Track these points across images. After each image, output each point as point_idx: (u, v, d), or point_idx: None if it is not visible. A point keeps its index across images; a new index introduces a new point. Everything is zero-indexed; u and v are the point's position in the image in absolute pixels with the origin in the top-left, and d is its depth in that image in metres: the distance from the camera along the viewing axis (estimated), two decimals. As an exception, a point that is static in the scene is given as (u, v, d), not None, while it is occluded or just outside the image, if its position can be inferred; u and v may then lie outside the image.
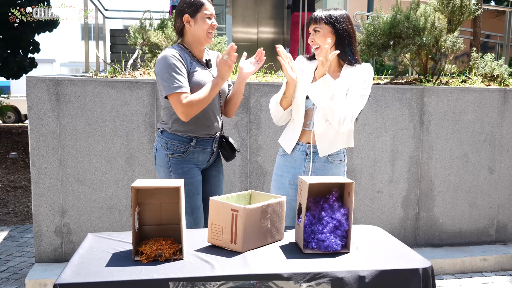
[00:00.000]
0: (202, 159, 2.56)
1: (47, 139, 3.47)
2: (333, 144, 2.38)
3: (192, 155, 2.51)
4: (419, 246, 4.09)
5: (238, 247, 1.83)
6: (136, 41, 4.46)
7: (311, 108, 2.39)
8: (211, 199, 1.90)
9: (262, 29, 9.61)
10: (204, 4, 2.44)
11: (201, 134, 2.50)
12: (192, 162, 2.52)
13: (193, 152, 2.50)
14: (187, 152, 2.49)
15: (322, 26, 2.34)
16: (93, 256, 1.77)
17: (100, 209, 3.58)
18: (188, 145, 2.49)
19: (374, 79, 4.89)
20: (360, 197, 3.95)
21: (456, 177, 4.08)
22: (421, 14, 4.42)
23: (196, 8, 2.43)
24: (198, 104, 2.36)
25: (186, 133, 2.48)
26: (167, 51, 2.42)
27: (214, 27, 2.47)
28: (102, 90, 3.51)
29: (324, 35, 2.34)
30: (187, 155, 2.49)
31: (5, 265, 3.88)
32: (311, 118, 2.39)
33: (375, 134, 3.93)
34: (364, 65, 2.38)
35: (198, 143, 2.50)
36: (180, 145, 2.49)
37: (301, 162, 2.42)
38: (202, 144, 2.52)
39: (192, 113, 2.37)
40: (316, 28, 2.34)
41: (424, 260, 1.78)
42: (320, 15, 2.36)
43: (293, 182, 2.45)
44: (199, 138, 2.50)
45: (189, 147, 2.49)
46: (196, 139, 2.49)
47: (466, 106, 4.04)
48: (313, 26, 2.35)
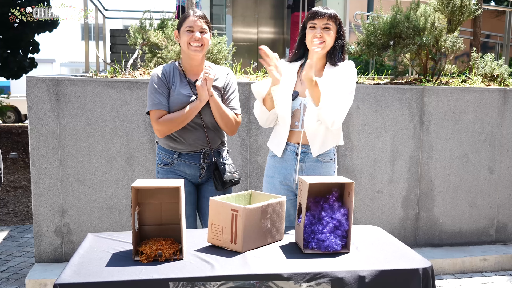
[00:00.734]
0: (190, 173, 2.54)
1: (47, 139, 3.47)
2: (325, 143, 2.38)
3: (177, 167, 2.53)
4: (419, 246, 4.09)
5: (238, 247, 1.82)
6: (136, 41, 4.46)
7: (298, 108, 2.37)
8: (211, 199, 1.90)
9: (262, 29, 9.61)
10: (187, 18, 2.44)
11: (183, 150, 2.50)
12: (179, 173, 2.54)
13: (178, 165, 2.52)
14: (172, 163, 2.53)
15: (332, 25, 2.33)
16: (93, 256, 1.77)
17: (100, 209, 3.58)
18: (172, 157, 2.52)
19: (374, 79, 4.89)
20: (360, 197, 3.95)
21: (456, 177, 4.08)
22: (421, 14, 4.42)
23: (180, 22, 2.47)
24: (171, 123, 2.41)
25: (168, 147, 2.53)
26: (155, 69, 2.53)
27: (195, 40, 2.41)
28: (102, 90, 3.51)
29: (332, 36, 2.33)
30: (173, 166, 2.53)
31: (5, 265, 3.88)
32: (298, 118, 2.38)
33: (375, 134, 3.93)
34: (347, 62, 2.38)
35: (182, 156, 2.51)
36: (166, 155, 2.54)
37: (292, 163, 2.41)
38: (186, 158, 2.51)
39: (165, 131, 2.44)
40: (328, 25, 2.31)
41: (424, 260, 1.78)
42: (332, 12, 2.32)
43: (284, 183, 2.45)
44: (182, 152, 2.51)
45: (173, 159, 2.52)
46: (179, 152, 2.51)
47: (466, 106, 4.04)
48: (325, 22, 2.31)
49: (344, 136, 3.86)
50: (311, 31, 2.33)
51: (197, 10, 2.49)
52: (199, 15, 2.45)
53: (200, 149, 2.51)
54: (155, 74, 2.49)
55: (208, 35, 2.47)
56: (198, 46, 2.42)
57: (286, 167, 2.43)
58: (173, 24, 4.61)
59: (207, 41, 2.46)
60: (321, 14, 2.31)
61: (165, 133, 2.45)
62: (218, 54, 4.54)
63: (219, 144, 2.59)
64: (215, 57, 4.52)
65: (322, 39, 2.31)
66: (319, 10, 2.34)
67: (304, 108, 2.36)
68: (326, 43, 2.31)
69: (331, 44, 2.34)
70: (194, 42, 2.42)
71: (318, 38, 2.31)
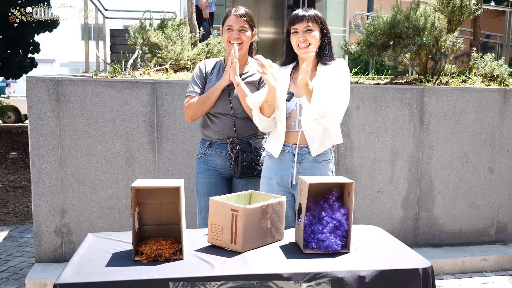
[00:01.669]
0: (220, 163, 2.64)
1: (47, 139, 3.47)
2: (323, 141, 2.36)
3: (210, 157, 2.65)
4: (419, 246, 4.09)
5: (238, 247, 1.82)
6: (136, 41, 4.46)
7: (294, 109, 2.37)
8: (210, 199, 1.90)
9: (262, 29, 9.61)
10: (228, 16, 2.56)
11: (213, 138, 2.63)
12: (211, 165, 2.66)
13: (210, 155, 2.65)
14: (206, 154, 2.66)
15: (314, 25, 2.33)
16: (93, 256, 1.77)
17: (100, 209, 3.58)
18: (205, 147, 2.66)
19: (374, 79, 4.89)
20: (360, 197, 3.95)
21: (456, 177, 4.08)
22: (421, 14, 4.42)
23: (224, 20, 2.60)
24: (194, 105, 2.57)
25: (203, 135, 2.70)
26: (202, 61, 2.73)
27: (234, 38, 2.52)
28: (102, 90, 3.51)
29: (316, 36, 2.33)
30: (206, 157, 2.66)
31: (5, 265, 3.88)
32: (295, 119, 2.37)
33: (375, 134, 3.93)
34: (338, 60, 2.39)
35: (213, 146, 2.64)
36: (202, 147, 2.69)
37: (289, 164, 2.39)
38: (216, 147, 2.63)
39: (190, 114, 2.59)
40: (309, 27, 2.31)
41: (424, 260, 1.78)
42: (311, 13, 2.33)
43: (282, 184, 2.43)
44: (212, 141, 2.63)
45: (206, 149, 2.66)
46: (210, 141, 2.64)
47: (466, 106, 4.04)
48: (305, 25, 2.31)
49: (344, 136, 3.86)
50: (294, 36, 2.34)
51: (240, 8, 2.57)
52: (239, 13, 2.53)
53: (228, 138, 2.60)
54: (198, 65, 2.69)
55: (248, 33, 2.56)
56: (238, 44, 2.53)
57: (284, 168, 2.41)
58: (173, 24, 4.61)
59: (246, 38, 2.55)
60: (300, 18, 2.32)
61: (190, 117, 2.60)
62: (218, 54, 4.55)
63: (251, 135, 2.64)
64: (215, 57, 4.52)
65: (307, 42, 2.31)
66: (297, 14, 2.33)
67: (300, 108, 2.35)
68: (311, 45, 2.31)
69: (317, 45, 2.34)
70: (233, 41, 2.52)
71: (302, 42, 2.32)
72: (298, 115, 2.36)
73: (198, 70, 2.66)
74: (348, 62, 7.44)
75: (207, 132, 2.65)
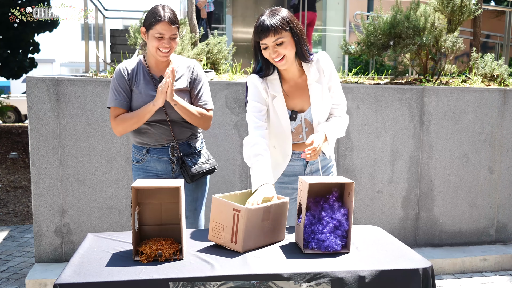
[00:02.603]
0: (161, 169, 2.48)
1: (47, 139, 3.47)
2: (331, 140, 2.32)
3: (148, 163, 2.48)
4: (419, 246, 4.09)
5: (238, 247, 1.82)
6: (136, 41, 4.46)
7: (299, 124, 2.28)
8: (213, 197, 1.89)
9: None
10: (157, 22, 2.30)
11: (151, 144, 2.45)
12: (150, 170, 2.49)
13: (148, 161, 2.48)
14: (143, 160, 2.49)
15: (283, 34, 2.10)
16: (93, 256, 1.77)
17: (100, 209, 3.58)
18: (142, 153, 2.48)
19: (374, 79, 4.89)
20: (360, 197, 3.95)
21: (456, 177, 4.08)
22: (421, 14, 4.42)
23: (150, 23, 2.33)
24: (125, 123, 2.37)
25: (137, 142, 2.49)
26: (119, 65, 2.46)
27: (165, 47, 2.32)
28: (102, 90, 3.51)
29: (289, 43, 2.12)
30: (144, 163, 2.49)
31: (5, 265, 3.88)
32: (301, 132, 2.29)
33: (375, 134, 3.93)
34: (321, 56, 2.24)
35: (151, 152, 2.46)
36: (137, 152, 2.51)
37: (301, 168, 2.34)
38: (155, 153, 2.46)
39: (120, 130, 2.40)
40: (278, 39, 2.09)
41: (424, 260, 1.78)
42: (275, 22, 2.08)
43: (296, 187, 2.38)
44: (150, 147, 2.46)
45: (143, 155, 2.48)
46: (147, 147, 2.46)
47: (466, 106, 4.04)
48: (274, 39, 2.08)
49: (344, 136, 3.86)
50: (266, 51, 2.13)
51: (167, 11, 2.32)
52: (170, 19, 2.31)
53: (167, 143, 2.45)
54: (118, 70, 2.43)
55: (177, 38, 2.37)
56: (166, 52, 2.36)
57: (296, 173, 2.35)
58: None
59: (175, 44, 2.37)
60: (266, 33, 2.08)
61: (120, 132, 2.41)
62: (218, 54, 4.55)
63: (189, 137, 2.50)
64: (215, 57, 4.52)
65: (280, 55, 2.12)
66: (262, 26, 2.09)
67: (305, 121, 2.27)
68: (286, 56, 2.13)
69: (293, 51, 2.15)
70: (163, 49, 2.33)
71: (275, 56, 2.12)
72: (304, 127, 2.29)
73: (119, 77, 2.40)
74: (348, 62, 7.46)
75: (143, 139, 2.45)
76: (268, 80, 2.25)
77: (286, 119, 2.24)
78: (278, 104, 2.24)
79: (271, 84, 2.25)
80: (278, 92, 2.24)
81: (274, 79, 2.25)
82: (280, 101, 2.24)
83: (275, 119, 2.26)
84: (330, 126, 2.25)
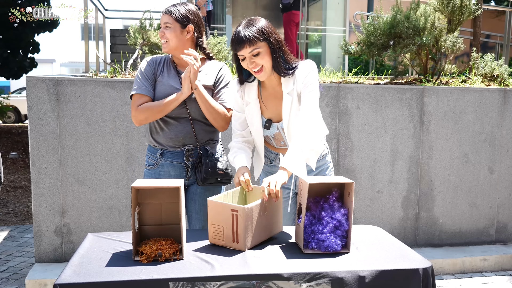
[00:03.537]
0: (175, 174, 2.42)
1: (47, 139, 3.47)
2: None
3: (162, 168, 2.42)
4: (419, 246, 4.09)
5: (240, 245, 1.83)
6: (136, 41, 4.47)
7: (277, 132, 2.25)
8: (209, 200, 1.91)
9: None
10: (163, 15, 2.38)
11: (165, 145, 2.39)
12: (163, 176, 2.43)
13: (162, 165, 2.41)
14: (156, 164, 2.43)
15: (259, 44, 2.06)
16: (93, 256, 1.77)
17: (100, 209, 3.58)
18: (156, 157, 2.42)
19: (374, 79, 4.89)
20: (360, 197, 3.95)
21: (456, 177, 4.08)
22: (421, 14, 4.42)
23: None
24: (148, 111, 2.31)
25: (152, 143, 2.43)
26: (147, 57, 2.48)
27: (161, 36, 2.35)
28: (102, 90, 3.51)
29: (266, 53, 2.07)
30: (157, 167, 2.43)
31: (5, 265, 3.88)
32: (282, 138, 2.26)
33: (375, 134, 3.93)
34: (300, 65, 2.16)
35: (165, 155, 2.40)
36: (151, 156, 2.45)
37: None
38: (169, 157, 2.40)
39: (141, 119, 2.34)
40: (254, 50, 2.05)
41: (424, 260, 1.78)
42: (251, 34, 2.03)
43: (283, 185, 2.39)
44: (165, 149, 2.40)
45: (157, 159, 2.42)
46: (162, 150, 2.40)
47: (466, 106, 4.04)
48: (249, 50, 2.04)
49: (344, 136, 3.87)
50: (244, 62, 2.10)
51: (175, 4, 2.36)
52: (167, 9, 2.35)
53: (183, 146, 2.38)
54: (144, 61, 2.45)
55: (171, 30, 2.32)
56: (164, 42, 2.36)
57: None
58: None
59: (170, 36, 2.32)
60: (241, 45, 2.04)
61: (141, 121, 2.35)
62: (218, 54, 4.55)
63: (207, 141, 2.44)
64: (215, 57, 4.52)
65: (258, 66, 2.08)
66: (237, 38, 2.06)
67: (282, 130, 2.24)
68: (264, 66, 2.09)
69: (270, 61, 2.10)
70: (160, 38, 2.37)
71: (253, 67, 2.09)
72: (284, 135, 2.25)
73: (146, 66, 2.40)
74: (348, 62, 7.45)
75: (159, 139, 2.40)
76: (246, 86, 2.24)
77: (258, 126, 2.23)
78: (250, 111, 2.23)
79: (248, 91, 2.23)
80: (252, 99, 2.22)
81: (252, 85, 2.23)
82: (254, 108, 2.22)
83: (250, 125, 2.28)
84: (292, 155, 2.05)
